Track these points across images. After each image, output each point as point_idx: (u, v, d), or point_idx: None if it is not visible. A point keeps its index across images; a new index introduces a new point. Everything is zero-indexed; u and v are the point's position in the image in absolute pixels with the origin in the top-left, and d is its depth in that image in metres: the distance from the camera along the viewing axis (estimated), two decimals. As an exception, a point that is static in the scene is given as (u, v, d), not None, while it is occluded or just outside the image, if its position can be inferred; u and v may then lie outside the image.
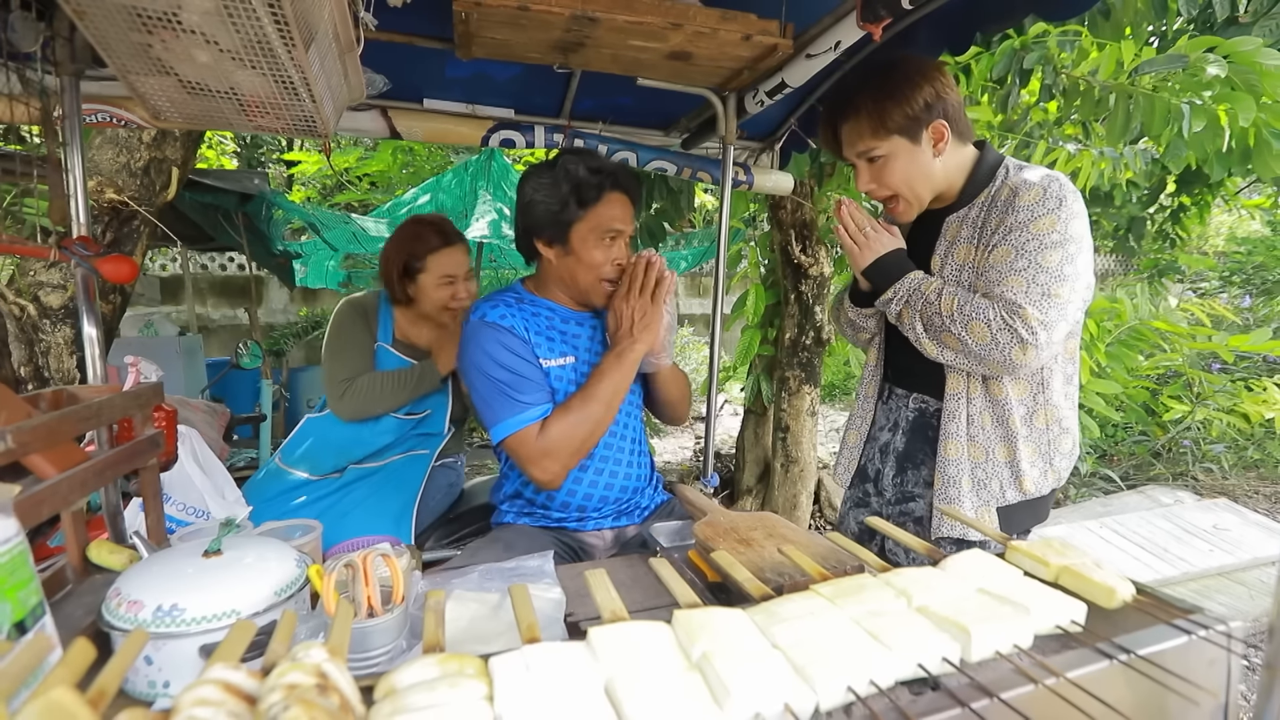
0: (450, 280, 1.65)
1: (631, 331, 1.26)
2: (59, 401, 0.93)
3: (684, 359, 7.29)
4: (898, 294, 1.18)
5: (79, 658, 0.50)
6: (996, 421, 1.18)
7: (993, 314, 1.07)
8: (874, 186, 1.19)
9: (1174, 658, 0.67)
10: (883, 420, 1.39)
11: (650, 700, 0.52)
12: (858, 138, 1.16)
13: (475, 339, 1.27)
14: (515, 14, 1.14)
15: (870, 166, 1.17)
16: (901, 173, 1.15)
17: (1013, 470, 1.19)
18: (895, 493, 1.34)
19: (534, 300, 1.36)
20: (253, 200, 3.50)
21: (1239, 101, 1.94)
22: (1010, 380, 1.17)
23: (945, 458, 1.21)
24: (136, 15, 0.81)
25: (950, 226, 1.20)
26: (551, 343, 1.31)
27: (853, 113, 1.15)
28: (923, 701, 0.59)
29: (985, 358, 1.09)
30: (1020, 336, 1.05)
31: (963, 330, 1.09)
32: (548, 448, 1.21)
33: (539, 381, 1.26)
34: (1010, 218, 1.10)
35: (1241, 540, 3.17)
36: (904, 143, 1.13)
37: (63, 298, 2.11)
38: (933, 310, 1.13)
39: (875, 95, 1.12)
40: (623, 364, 1.25)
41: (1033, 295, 1.05)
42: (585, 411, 1.22)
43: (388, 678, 0.54)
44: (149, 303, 5.75)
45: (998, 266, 1.10)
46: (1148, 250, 5.24)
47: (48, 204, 1.21)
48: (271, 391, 3.17)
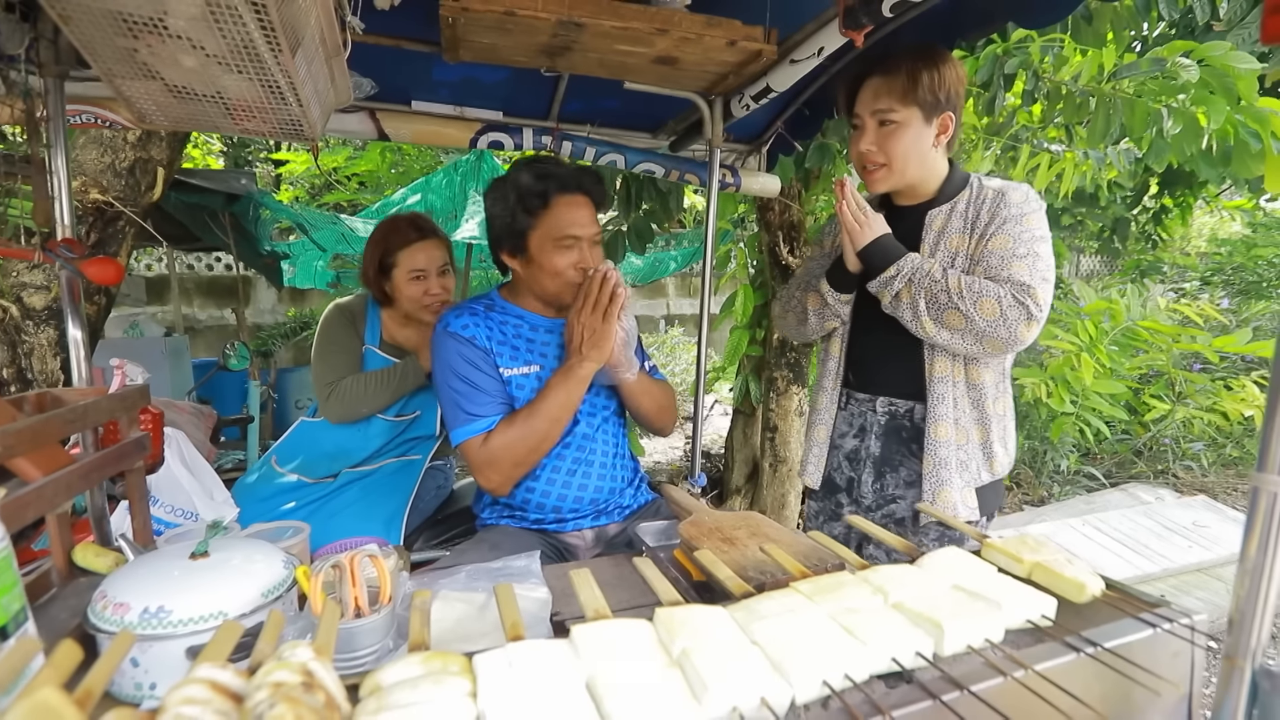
0: (419, 275, 1.64)
1: (580, 349, 1.25)
2: (43, 404, 0.93)
3: (673, 359, 7.31)
4: (901, 271, 1.22)
5: (66, 659, 0.50)
6: (973, 405, 1.27)
7: (1002, 292, 1.15)
8: (873, 149, 1.24)
9: (1140, 650, 0.69)
10: (844, 427, 1.42)
11: (631, 696, 0.54)
12: (885, 94, 1.21)
13: (436, 348, 1.32)
14: (501, 19, 1.15)
15: (879, 129, 1.23)
16: (904, 145, 1.23)
17: (985, 452, 1.28)
18: (876, 498, 1.37)
19: (505, 308, 1.37)
20: (240, 200, 3.48)
21: (1213, 104, 1.98)
22: (986, 367, 1.26)
23: (935, 440, 1.26)
24: (122, 20, 0.82)
25: (936, 219, 1.28)
26: (516, 351, 1.33)
27: (890, 71, 1.21)
28: (896, 694, 0.61)
29: (990, 334, 1.16)
30: (1030, 312, 1.14)
31: (971, 307, 1.15)
32: (489, 458, 1.25)
33: (492, 392, 1.28)
34: (1004, 211, 1.20)
35: (1219, 537, 3.23)
36: (919, 118, 1.21)
37: (46, 299, 2.09)
38: (939, 288, 1.19)
39: (914, 63, 1.19)
40: (569, 381, 1.25)
41: (1036, 278, 1.15)
42: (529, 426, 1.24)
43: (373, 676, 0.55)
44: (134, 303, 5.70)
45: (999, 253, 1.19)
46: (1131, 251, 5.33)
47: (32, 205, 1.20)
48: (259, 393, 3.16)
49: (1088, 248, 7.26)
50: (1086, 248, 7.35)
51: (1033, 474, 4.36)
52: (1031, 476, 4.35)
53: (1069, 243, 5.80)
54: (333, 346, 1.67)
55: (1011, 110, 2.71)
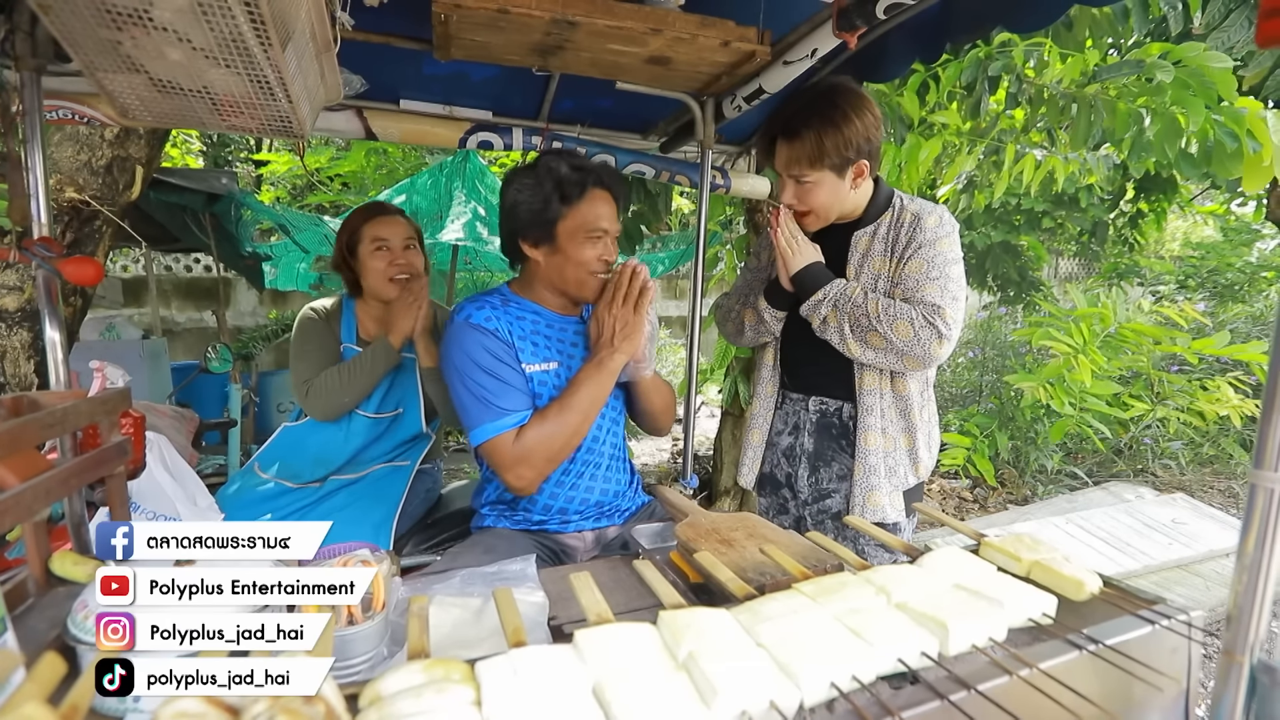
0: (381, 244, 1.63)
1: (613, 341, 1.24)
2: (19, 408, 0.90)
3: (662, 361, 7.31)
4: (827, 296, 1.32)
5: (49, 673, 0.48)
6: (900, 414, 1.36)
7: (915, 314, 1.25)
8: (795, 202, 1.35)
9: (1139, 647, 0.69)
10: (780, 425, 1.51)
11: (638, 701, 0.53)
12: (794, 162, 1.30)
13: (457, 340, 1.26)
14: (495, 16, 1.13)
15: (797, 186, 1.33)
16: (822, 198, 1.32)
17: (912, 457, 1.38)
18: (811, 492, 1.45)
19: (520, 303, 1.34)
20: (221, 200, 3.42)
21: (1191, 105, 2.03)
22: (911, 378, 1.35)
23: (865, 448, 1.35)
24: (105, 11, 0.79)
25: (860, 240, 1.37)
26: (536, 347, 1.30)
27: (796, 139, 1.28)
28: (903, 695, 0.61)
29: (907, 353, 1.25)
30: (940, 332, 1.24)
31: (889, 329, 1.25)
32: (522, 455, 1.20)
33: (519, 387, 1.25)
34: (919, 235, 1.30)
35: (1198, 534, 3.30)
36: (831, 176, 1.30)
37: (19, 300, 2.03)
38: (860, 312, 1.28)
39: (819, 129, 1.26)
40: (602, 373, 1.24)
41: (946, 299, 1.26)
42: (562, 420, 1.22)
43: (373, 685, 0.53)
44: (110, 305, 5.57)
45: (914, 276, 1.28)
46: (1109, 254, 5.43)
47: (7, 203, 1.16)
48: (241, 396, 3.09)
49: (1066, 250, 7.39)
50: (1066, 250, 7.49)
51: (1016, 474, 4.42)
52: (1015, 476, 4.41)
53: (1049, 246, 5.90)
54: (309, 345, 1.65)
55: (995, 115, 2.75)
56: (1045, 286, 5.05)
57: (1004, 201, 4.41)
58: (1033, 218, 4.58)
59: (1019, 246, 4.82)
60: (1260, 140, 2.08)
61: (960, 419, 4.02)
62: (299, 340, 1.67)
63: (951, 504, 4.15)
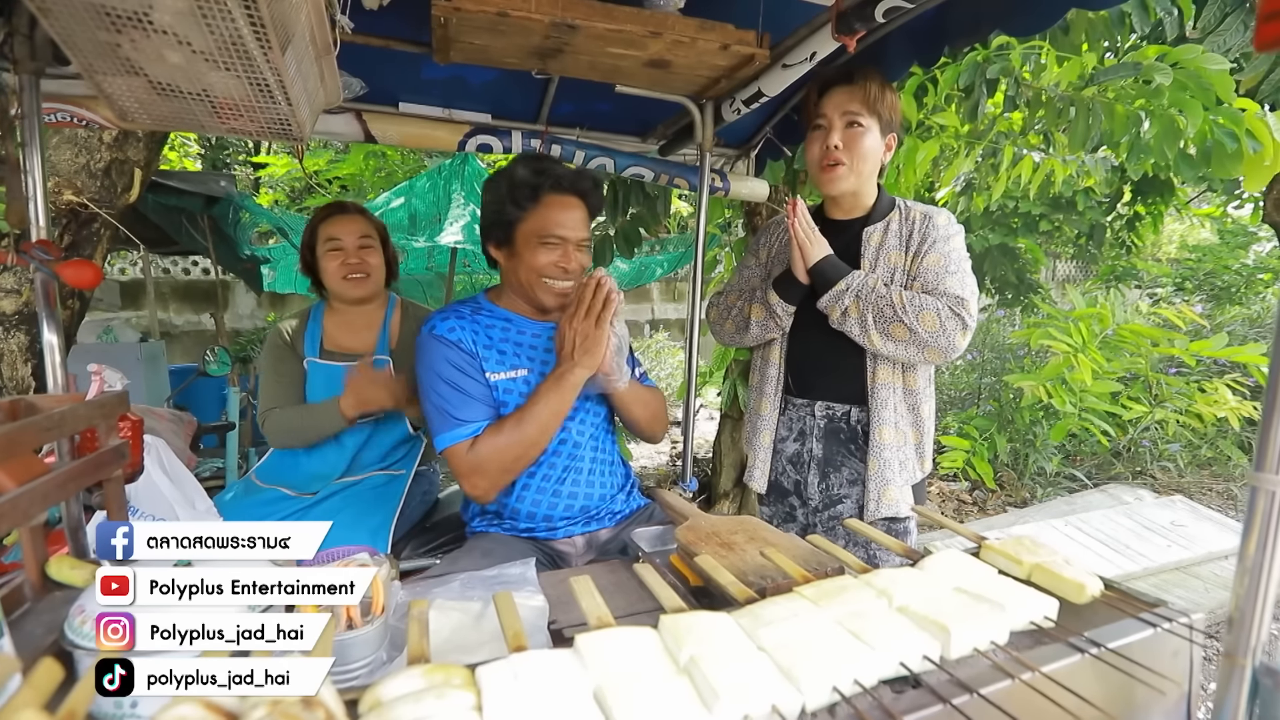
0: (335, 245, 1.62)
1: (573, 355, 1.23)
2: (17, 411, 0.89)
3: (660, 364, 7.30)
4: (850, 287, 1.31)
5: (45, 679, 0.48)
6: (909, 409, 1.38)
7: (940, 305, 1.26)
8: (840, 147, 1.34)
9: (1140, 650, 0.69)
10: (784, 431, 1.50)
11: (640, 706, 0.53)
12: (858, 101, 1.31)
13: (422, 352, 1.30)
14: (494, 20, 1.13)
15: (847, 131, 1.33)
16: (866, 149, 1.33)
17: (919, 452, 1.40)
18: (822, 499, 1.43)
19: (493, 310, 1.35)
20: (219, 203, 3.41)
21: (1189, 107, 2.03)
22: (919, 373, 1.37)
23: (880, 443, 1.36)
24: (105, 14, 0.79)
25: (873, 235, 1.39)
26: (503, 355, 1.31)
27: (855, 83, 1.31)
28: (905, 699, 0.60)
29: (930, 344, 1.27)
30: (964, 322, 1.26)
31: (914, 320, 1.26)
32: (476, 464, 1.22)
33: (479, 397, 1.26)
34: (933, 232, 1.33)
35: (1196, 536, 3.30)
36: (877, 129, 1.33)
37: (16, 303, 2.02)
38: (884, 303, 1.28)
39: (880, 81, 1.32)
40: (561, 387, 1.23)
41: (967, 291, 1.29)
42: (519, 432, 1.22)
43: (373, 690, 0.53)
44: (108, 308, 5.56)
45: (934, 269, 1.31)
46: (1106, 256, 5.45)
47: (5, 206, 1.16)
48: (239, 399, 3.09)
49: (1064, 253, 7.42)
50: (1063, 253, 7.51)
51: (1015, 476, 4.42)
52: (1014, 478, 4.41)
53: (1046, 248, 5.92)
54: (271, 374, 1.67)
55: (992, 117, 2.75)
56: (1043, 289, 5.07)
57: (1002, 204, 4.43)
58: (1030, 220, 4.59)
59: (1017, 249, 4.83)
60: (1260, 140, 2.09)
61: (959, 422, 4.02)
62: (264, 364, 1.69)
63: (951, 506, 4.15)
